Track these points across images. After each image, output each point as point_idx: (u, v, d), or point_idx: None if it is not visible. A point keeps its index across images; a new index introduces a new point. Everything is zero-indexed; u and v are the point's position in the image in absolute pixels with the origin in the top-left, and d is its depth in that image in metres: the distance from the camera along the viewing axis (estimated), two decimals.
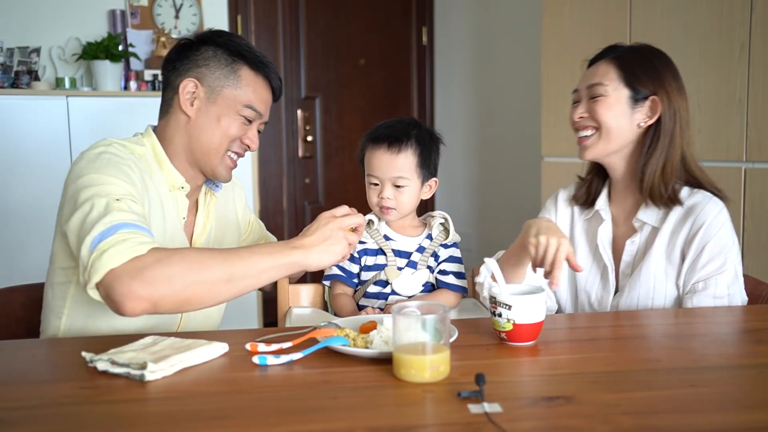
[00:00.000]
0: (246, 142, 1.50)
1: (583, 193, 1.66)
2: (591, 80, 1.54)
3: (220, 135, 1.46)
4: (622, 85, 1.51)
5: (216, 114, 1.46)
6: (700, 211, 1.48)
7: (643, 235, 1.55)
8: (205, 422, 0.89)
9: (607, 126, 1.51)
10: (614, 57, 1.54)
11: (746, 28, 2.31)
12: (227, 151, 1.48)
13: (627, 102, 1.51)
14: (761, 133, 2.28)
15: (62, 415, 0.91)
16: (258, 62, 1.49)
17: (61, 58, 3.35)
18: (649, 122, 1.51)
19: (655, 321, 1.40)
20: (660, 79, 1.51)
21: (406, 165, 1.53)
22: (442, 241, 1.61)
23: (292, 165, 4.25)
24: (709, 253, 1.46)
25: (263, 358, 1.06)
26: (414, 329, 1.02)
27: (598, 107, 1.51)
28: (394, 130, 1.54)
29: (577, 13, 2.94)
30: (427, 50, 4.53)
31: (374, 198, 1.56)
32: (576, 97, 1.59)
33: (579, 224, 1.67)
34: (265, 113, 1.51)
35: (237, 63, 1.47)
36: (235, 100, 1.46)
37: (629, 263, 1.56)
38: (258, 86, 1.49)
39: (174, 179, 1.47)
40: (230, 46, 1.48)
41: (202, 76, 1.46)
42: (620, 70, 1.52)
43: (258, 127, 1.52)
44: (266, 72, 1.50)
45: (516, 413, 0.89)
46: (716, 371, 1.07)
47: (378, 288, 1.58)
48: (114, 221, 1.22)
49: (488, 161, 4.24)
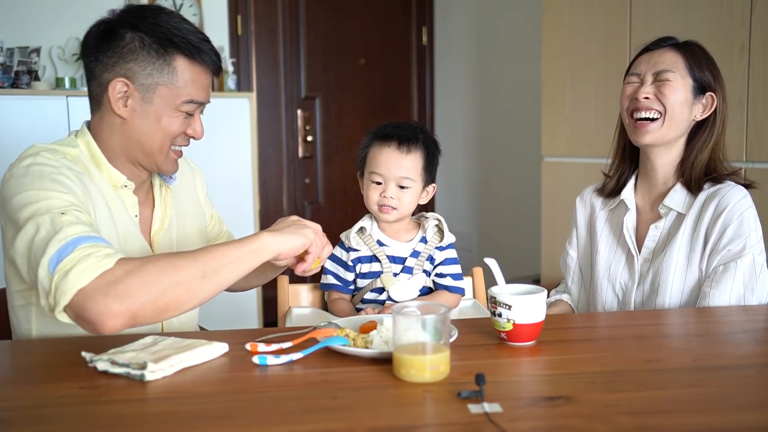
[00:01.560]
0: (190, 133, 1.41)
1: (612, 184, 1.66)
2: (658, 66, 1.53)
3: (161, 136, 1.36)
4: (689, 76, 1.53)
5: (154, 114, 1.35)
6: (724, 195, 1.49)
7: (668, 221, 1.56)
8: (205, 422, 0.89)
9: (673, 111, 1.52)
10: (679, 46, 1.56)
11: (746, 28, 2.31)
12: (171, 147, 1.40)
13: (691, 92, 1.53)
14: (761, 133, 2.28)
15: (62, 415, 0.91)
16: (192, 47, 1.35)
17: (61, 58, 3.35)
18: (705, 116, 1.54)
19: (656, 321, 1.40)
20: (719, 77, 1.55)
21: (413, 166, 1.53)
22: (437, 243, 1.59)
23: (292, 165, 4.25)
24: (730, 235, 1.46)
25: (263, 358, 1.06)
26: (414, 329, 1.02)
27: (667, 90, 1.51)
28: (404, 130, 1.54)
29: (577, 13, 2.94)
30: (427, 50, 4.53)
31: (375, 196, 1.54)
32: (635, 80, 1.57)
33: (601, 215, 1.68)
34: (206, 98, 1.40)
35: (169, 53, 1.33)
36: (173, 96, 1.34)
37: (651, 249, 1.57)
38: (196, 74, 1.36)
39: (115, 179, 1.38)
40: (158, 32, 1.33)
41: (131, 73, 1.32)
42: (687, 61, 1.53)
43: (200, 113, 1.42)
44: (202, 56, 1.36)
45: (516, 413, 0.89)
46: (716, 371, 1.07)
47: (374, 295, 1.57)
48: (68, 237, 1.13)
49: (488, 161, 4.24)
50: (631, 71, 1.60)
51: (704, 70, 1.54)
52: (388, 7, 4.39)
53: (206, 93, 1.40)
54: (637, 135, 1.54)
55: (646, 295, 1.55)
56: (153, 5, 1.42)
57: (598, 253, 1.65)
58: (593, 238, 1.68)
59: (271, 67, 4.09)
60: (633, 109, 1.55)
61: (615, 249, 1.63)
